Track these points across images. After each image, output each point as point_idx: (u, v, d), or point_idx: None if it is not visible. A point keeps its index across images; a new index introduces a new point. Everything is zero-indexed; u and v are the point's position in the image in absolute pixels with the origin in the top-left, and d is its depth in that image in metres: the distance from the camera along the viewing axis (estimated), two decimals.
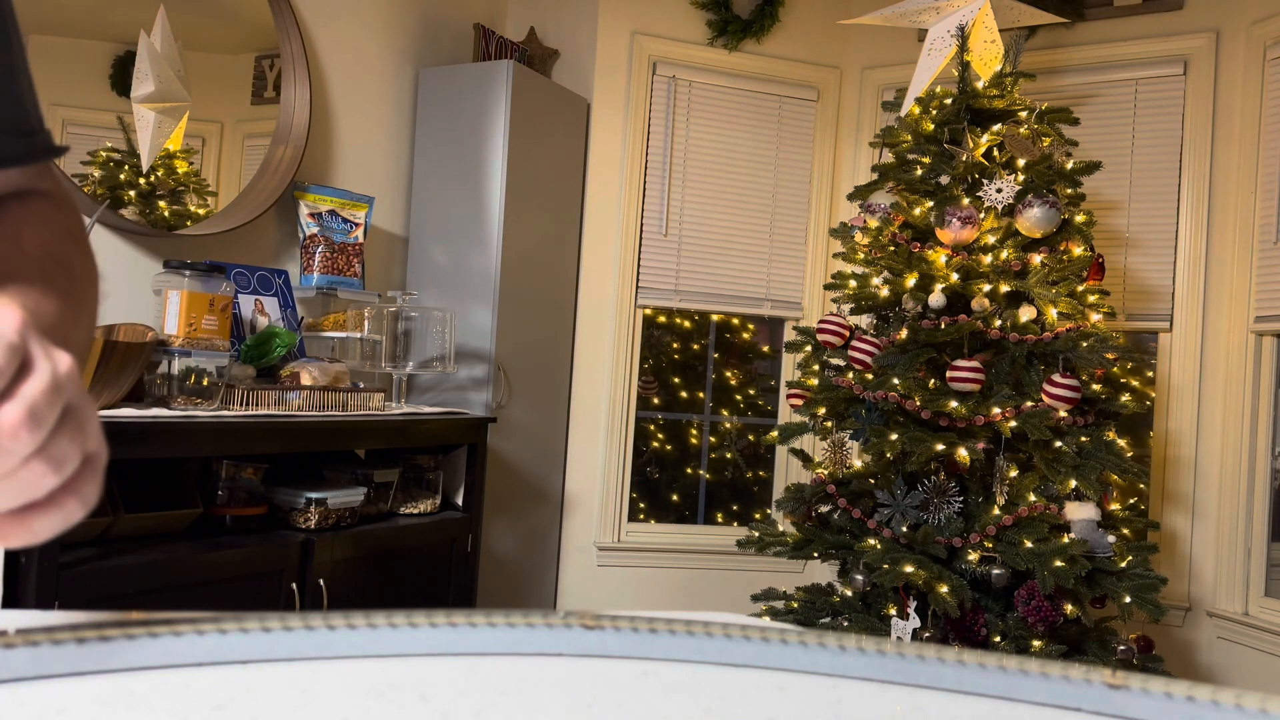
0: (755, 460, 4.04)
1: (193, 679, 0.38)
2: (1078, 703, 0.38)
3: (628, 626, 0.43)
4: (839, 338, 2.98)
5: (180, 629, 0.40)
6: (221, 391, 2.26)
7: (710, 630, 0.43)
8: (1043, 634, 2.66)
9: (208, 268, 2.27)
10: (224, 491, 2.32)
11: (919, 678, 0.40)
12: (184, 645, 0.40)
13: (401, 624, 0.42)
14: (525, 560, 3.52)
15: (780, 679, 0.41)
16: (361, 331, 2.83)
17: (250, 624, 0.41)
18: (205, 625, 0.40)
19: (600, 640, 0.43)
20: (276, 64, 2.88)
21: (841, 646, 0.41)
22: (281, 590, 2.27)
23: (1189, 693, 0.35)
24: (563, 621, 0.43)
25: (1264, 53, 3.27)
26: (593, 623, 0.43)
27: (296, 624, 0.41)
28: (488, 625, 0.43)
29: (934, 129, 2.98)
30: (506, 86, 3.27)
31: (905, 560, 2.60)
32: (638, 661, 0.43)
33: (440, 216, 3.37)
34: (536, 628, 0.43)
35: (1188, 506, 3.37)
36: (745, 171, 3.90)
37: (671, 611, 0.45)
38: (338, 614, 0.42)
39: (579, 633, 0.43)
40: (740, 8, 3.84)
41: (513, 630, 0.43)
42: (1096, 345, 2.68)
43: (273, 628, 0.41)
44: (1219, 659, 3.28)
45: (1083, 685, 0.37)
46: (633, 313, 3.78)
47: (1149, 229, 3.47)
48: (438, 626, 0.42)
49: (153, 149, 2.57)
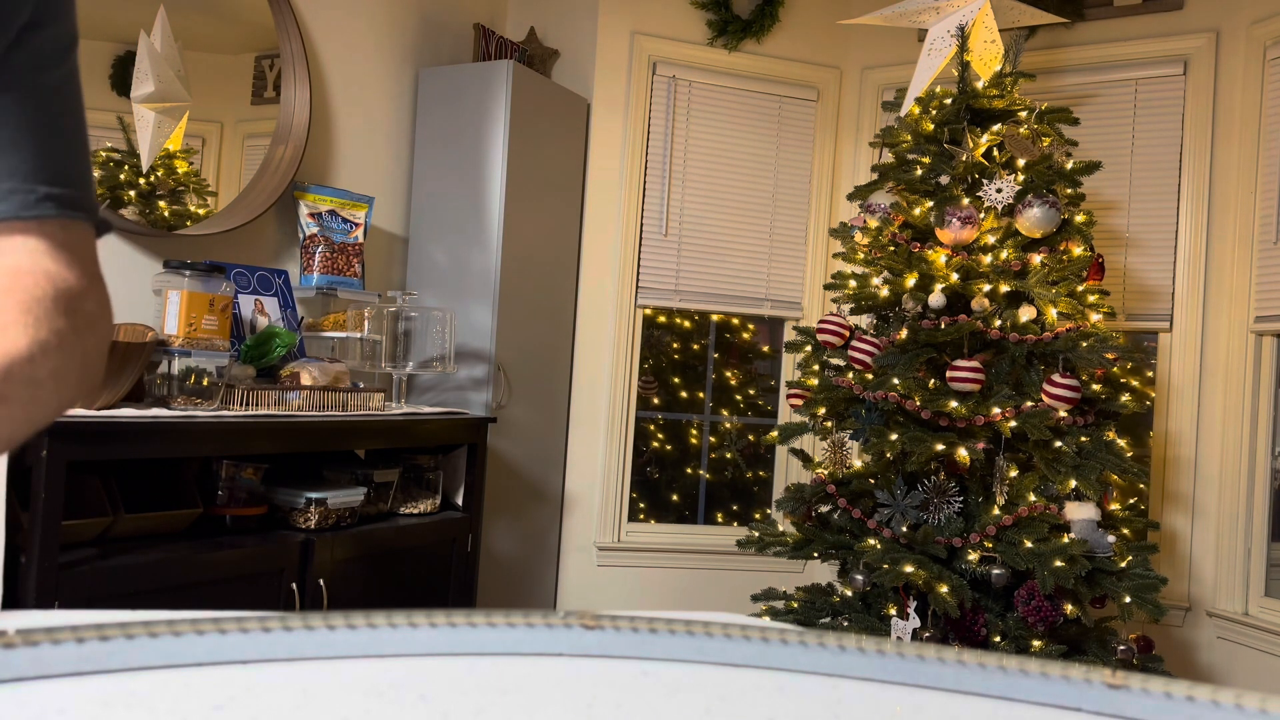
0: (755, 460, 4.04)
1: (193, 679, 0.38)
2: (1078, 703, 0.38)
3: (627, 626, 0.43)
4: (839, 338, 2.98)
5: (180, 629, 0.40)
6: (221, 391, 2.26)
7: (710, 630, 0.43)
8: (1043, 634, 2.66)
9: (208, 268, 2.27)
10: (224, 491, 2.32)
11: (919, 677, 0.40)
12: (184, 645, 0.40)
13: (401, 624, 0.42)
14: (525, 560, 3.52)
15: (780, 679, 0.41)
16: (361, 331, 2.83)
17: (250, 624, 0.41)
18: (205, 625, 0.40)
19: (600, 640, 0.43)
20: (276, 64, 2.88)
21: (841, 647, 0.41)
22: (281, 590, 2.27)
23: (1189, 693, 0.35)
24: (563, 621, 0.43)
25: (1264, 53, 3.27)
26: (593, 623, 0.43)
27: (297, 624, 0.41)
28: (488, 625, 0.43)
29: (934, 129, 2.98)
30: (506, 86, 3.27)
31: (905, 560, 2.60)
32: (637, 661, 0.43)
33: (440, 216, 3.37)
34: (536, 628, 0.43)
35: (1188, 506, 3.37)
36: (745, 171, 3.90)
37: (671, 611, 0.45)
38: (338, 614, 0.42)
39: (579, 633, 0.43)
40: (740, 8, 3.84)
41: (513, 630, 0.43)
42: (1096, 345, 2.68)
43: (273, 627, 0.41)
44: (1219, 659, 3.28)
45: (1082, 685, 0.37)
46: (633, 313, 3.78)
47: (1149, 229, 3.47)
48: (438, 626, 0.42)
49: (153, 149, 2.57)
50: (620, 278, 3.74)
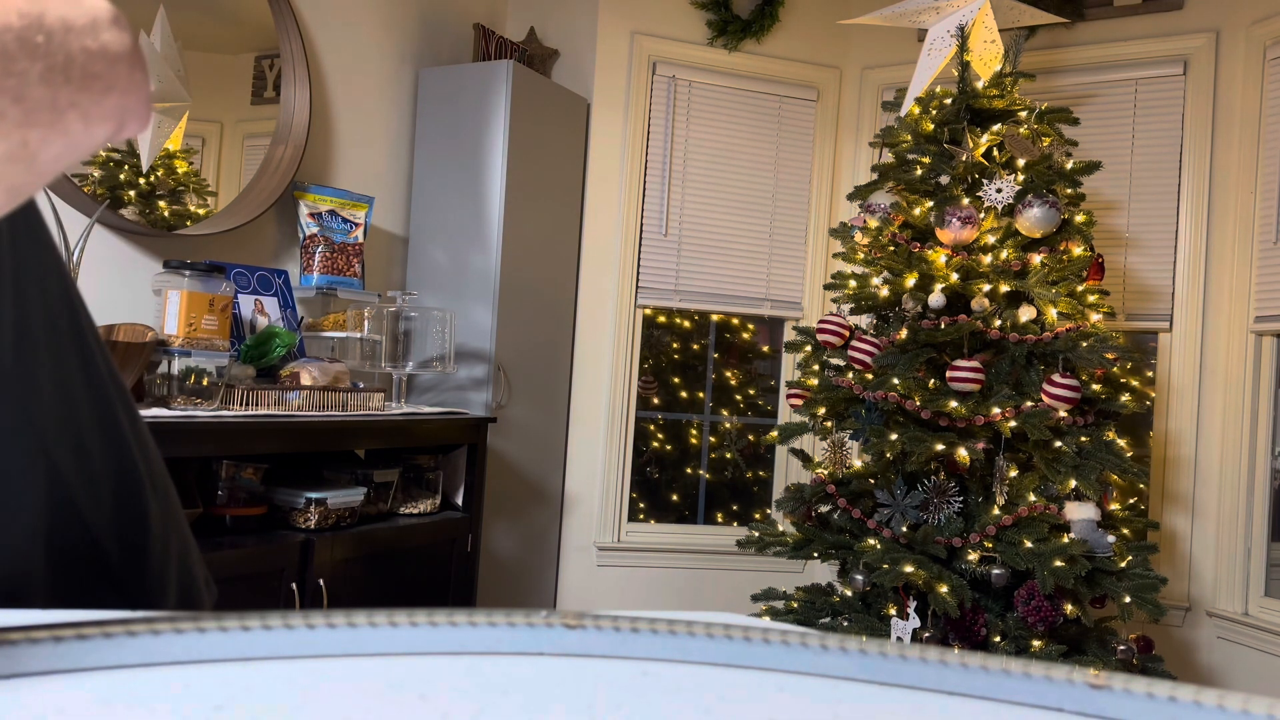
0: (755, 460, 4.04)
1: (193, 678, 0.39)
2: (1059, 703, 0.38)
3: (628, 627, 0.43)
4: (839, 338, 2.98)
5: (181, 626, 0.40)
6: (221, 391, 2.26)
7: (710, 630, 0.43)
8: (1043, 634, 2.66)
9: (208, 268, 2.27)
10: (224, 491, 2.32)
11: (901, 677, 0.40)
12: (185, 643, 0.40)
13: (402, 623, 0.42)
14: (525, 560, 3.52)
15: (780, 679, 0.41)
16: (361, 331, 2.83)
17: (251, 622, 0.41)
18: (206, 623, 0.40)
19: (601, 640, 0.43)
20: (276, 64, 2.88)
21: (843, 648, 0.41)
22: (281, 590, 2.27)
23: (1171, 693, 0.36)
24: (563, 621, 0.43)
25: (1264, 53, 3.27)
26: (593, 623, 0.43)
27: (297, 622, 0.41)
28: (488, 624, 0.43)
29: (934, 129, 2.98)
30: (506, 86, 3.27)
31: (905, 560, 2.60)
32: (638, 662, 0.43)
33: (440, 216, 3.37)
34: (537, 627, 0.43)
35: (1188, 506, 3.37)
36: (745, 171, 3.90)
37: (671, 611, 0.45)
38: (338, 612, 0.42)
39: (580, 633, 0.43)
40: (740, 8, 3.84)
41: (513, 630, 0.43)
42: (1096, 345, 2.68)
43: (273, 626, 0.41)
44: (1219, 659, 3.28)
45: (1065, 685, 0.37)
46: (633, 312, 3.78)
47: (1149, 229, 3.47)
48: (438, 626, 0.42)
49: (153, 149, 2.57)
50: (620, 277, 3.74)
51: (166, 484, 0.70)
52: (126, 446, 0.65)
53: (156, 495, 0.67)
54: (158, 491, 0.68)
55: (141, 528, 0.66)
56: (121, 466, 0.65)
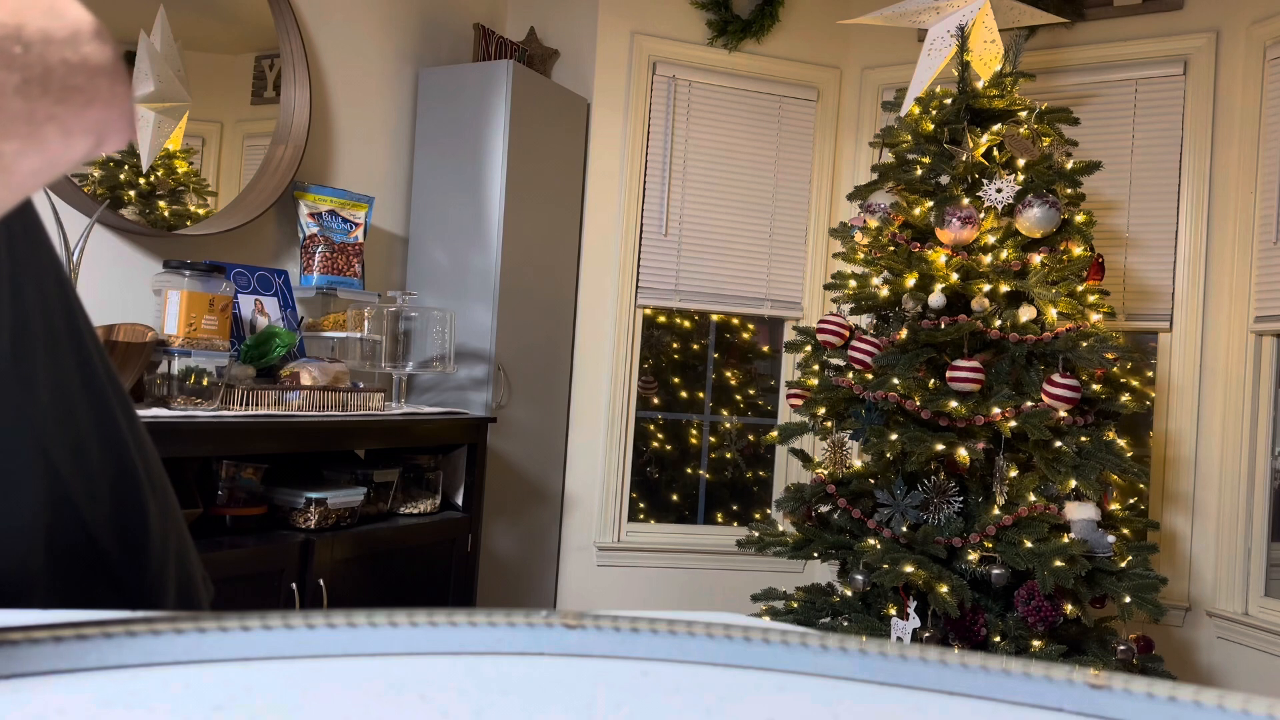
0: (755, 460, 4.04)
1: (193, 677, 0.38)
2: (1059, 703, 0.38)
3: (628, 627, 0.43)
4: (839, 338, 2.98)
5: (181, 627, 0.40)
6: (221, 391, 2.26)
7: (710, 630, 0.43)
8: (1043, 634, 2.66)
9: (207, 268, 2.27)
10: (224, 491, 2.32)
11: (901, 677, 0.40)
12: (185, 643, 0.40)
13: (402, 623, 0.42)
14: (525, 560, 3.52)
15: (780, 679, 0.41)
16: (361, 331, 2.83)
17: (251, 622, 0.41)
18: (206, 623, 0.40)
19: (600, 640, 0.43)
20: (276, 64, 2.88)
21: (843, 648, 0.41)
22: (281, 590, 2.27)
23: (1171, 693, 0.35)
24: (563, 621, 0.43)
25: (1264, 53, 3.27)
26: (593, 623, 0.43)
27: (297, 622, 0.41)
28: (488, 624, 0.43)
29: (934, 129, 2.98)
30: (506, 86, 3.27)
31: (905, 560, 2.60)
32: (638, 661, 0.43)
33: (440, 216, 3.37)
34: (537, 627, 0.43)
35: (1188, 506, 3.37)
36: (745, 171, 3.90)
37: (671, 611, 0.45)
38: (338, 612, 0.42)
39: (579, 633, 0.43)
40: (740, 8, 3.84)
41: (513, 630, 0.43)
42: (1096, 345, 2.68)
43: (273, 626, 0.41)
44: (1219, 659, 3.28)
45: (1064, 685, 0.37)
46: (633, 312, 3.78)
47: (1149, 229, 3.47)
48: (438, 625, 0.42)
49: (153, 149, 2.57)
50: (620, 277, 3.74)
51: (164, 483, 0.70)
52: (124, 446, 0.66)
53: (155, 495, 0.67)
54: (156, 491, 0.68)
55: (140, 527, 0.66)
56: (119, 466, 0.65)
